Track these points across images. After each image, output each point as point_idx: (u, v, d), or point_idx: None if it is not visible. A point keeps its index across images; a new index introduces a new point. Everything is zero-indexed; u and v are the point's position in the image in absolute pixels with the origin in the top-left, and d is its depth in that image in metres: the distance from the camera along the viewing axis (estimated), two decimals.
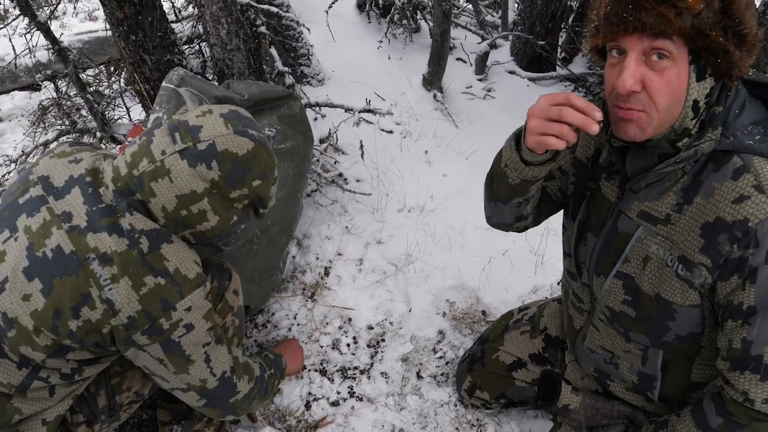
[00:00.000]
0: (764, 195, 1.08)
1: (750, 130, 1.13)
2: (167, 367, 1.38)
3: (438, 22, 3.39)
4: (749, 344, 1.15)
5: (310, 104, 2.92)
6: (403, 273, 2.47)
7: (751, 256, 1.10)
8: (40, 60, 4.02)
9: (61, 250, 1.27)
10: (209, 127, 1.32)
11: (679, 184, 1.21)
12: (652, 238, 1.27)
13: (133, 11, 2.76)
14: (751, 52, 1.10)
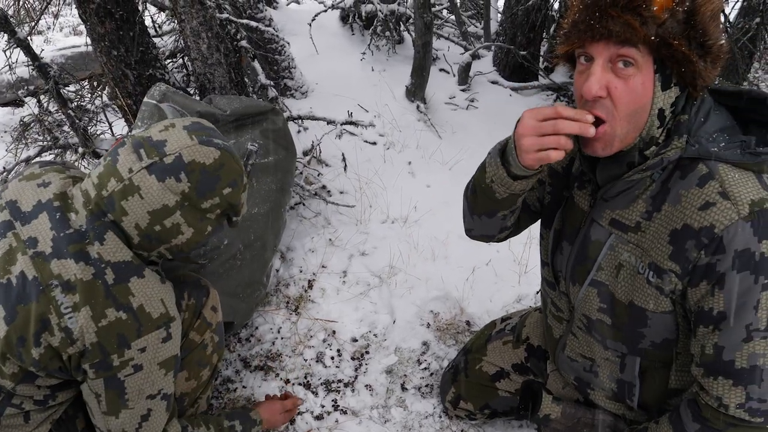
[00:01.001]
0: (729, 201, 1.10)
1: (715, 137, 1.16)
2: (99, 404, 1.34)
3: (420, 33, 3.42)
4: (721, 350, 1.16)
5: (293, 117, 2.92)
6: (386, 284, 2.48)
7: (718, 262, 1.12)
8: (22, 76, 4.00)
9: (25, 277, 1.25)
10: (174, 140, 1.31)
11: (647, 192, 1.23)
12: (624, 245, 1.28)
13: (114, 26, 2.77)
14: (716, 63, 1.12)
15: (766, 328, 1.10)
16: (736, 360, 1.14)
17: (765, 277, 1.09)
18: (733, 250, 1.10)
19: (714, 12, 1.09)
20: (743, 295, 1.11)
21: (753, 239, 1.08)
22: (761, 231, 1.08)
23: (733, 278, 1.11)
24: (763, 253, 1.08)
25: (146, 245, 1.36)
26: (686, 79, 1.12)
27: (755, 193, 1.09)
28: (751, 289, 1.10)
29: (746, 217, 1.08)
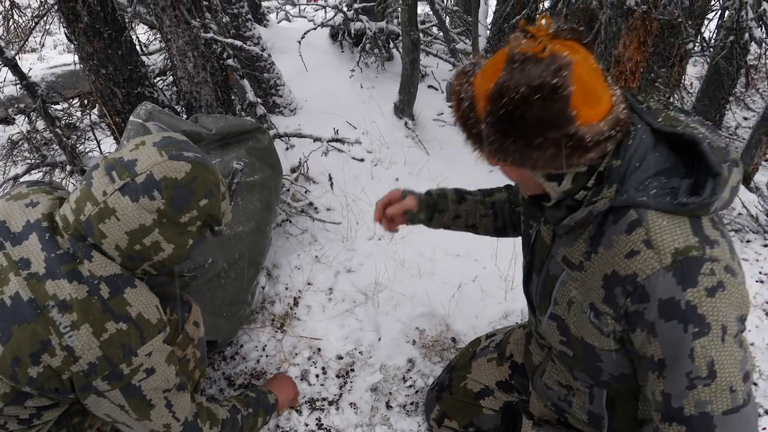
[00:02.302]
0: (652, 250, 1.10)
1: (647, 184, 1.14)
2: (129, 414, 1.37)
3: (407, 51, 3.45)
4: (668, 397, 1.15)
5: (279, 135, 2.94)
6: (372, 302, 2.48)
7: (645, 310, 1.12)
8: (12, 94, 4.02)
9: (20, 298, 1.26)
10: (144, 159, 1.32)
11: (587, 232, 1.23)
12: (573, 282, 1.29)
13: (102, 45, 2.79)
14: (576, 150, 1.09)
15: (708, 375, 1.08)
16: (685, 407, 1.13)
17: (694, 326, 1.07)
18: (657, 299, 1.10)
19: (522, 112, 1.06)
20: (676, 344, 1.10)
21: (676, 288, 1.07)
22: (685, 280, 1.07)
23: (662, 327, 1.11)
24: (689, 301, 1.07)
25: (129, 264, 1.37)
26: (555, 170, 1.15)
27: (681, 241, 1.09)
28: (682, 338, 1.09)
29: (668, 267, 1.08)
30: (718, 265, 1.08)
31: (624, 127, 1.12)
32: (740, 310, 1.11)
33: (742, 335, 1.12)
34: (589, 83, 1.05)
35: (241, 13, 3.33)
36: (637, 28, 2.31)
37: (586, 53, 1.09)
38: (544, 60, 1.02)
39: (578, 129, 1.05)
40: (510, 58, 1.06)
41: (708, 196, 1.09)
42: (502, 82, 1.05)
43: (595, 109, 1.06)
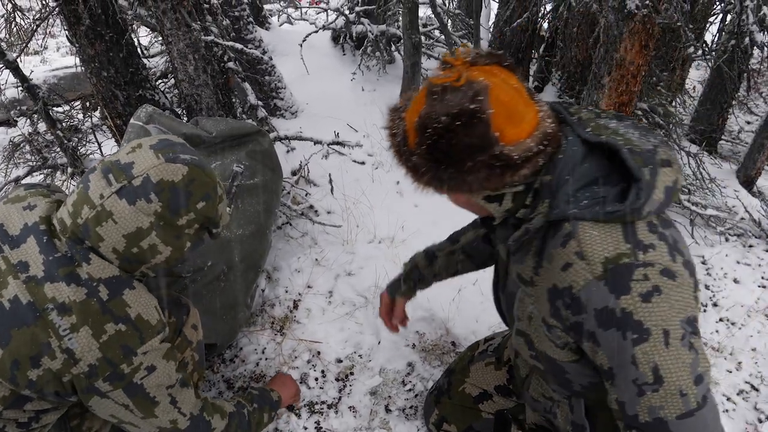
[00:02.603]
0: (584, 261, 1.11)
1: (578, 195, 1.15)
2: (134, 413, 1.37)
3: (408, 54, 3.45)
4: (623, 405, 1.16)
5: (280, 137, 2.94)
6: (372, 305, 2.48)
7: (584, 321, 1.13)
8: (15, 96, 4.03)
9: (19, 301, 1.26)
10: (140, 162, 1.31)
11: (534, 248, 1.24)
12: (528, 298, 1.30)
13: (104, 48, 2.80)
14: (506, 169, 1.11)
15: (654, 381, 1.09)
16: (639, 414, 1.13)
17: (632, 332, 1.08)
18: (592, 309, 1.11)
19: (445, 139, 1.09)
20: (618, 352, 1.11)
21: (610, 297, 1.08)
22: (617, 288, 1.08)
23: (603, 336, 1.12)
24: (623, 308, 1.08)
25: (127, 267, 1.36)
26: (489, 190, 1.18)
27: (612, 250, 1.10)
28: (623, 345, 1.09)
29: (600, 276, 1.09)
30: (652, 270, 1.08)
31: (553, 141, 1.14)
32: (685, 312, 1.10)
33: (693, 338, 1.11)
34: (510, 103, 1.08)
35: (242, 16, 3.33)
36: (639, 31, 2.30)
37: (507, 75, 1.12)
38: (462, 87, 1.06)
39: (504, 148, 1.08)
40: (429, 90, 1.10)
41: (632, 201, 1.10)
42: (425, 114, 1.09)
43: (520, 127, 1.09)
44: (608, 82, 2.45)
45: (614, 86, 2.45)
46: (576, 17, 3.68)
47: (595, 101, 2.52)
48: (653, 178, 1.12)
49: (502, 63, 1.14)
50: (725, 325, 2.63)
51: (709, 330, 2.59)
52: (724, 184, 3.71)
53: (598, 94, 2.51)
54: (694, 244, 3.08)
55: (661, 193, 1.13)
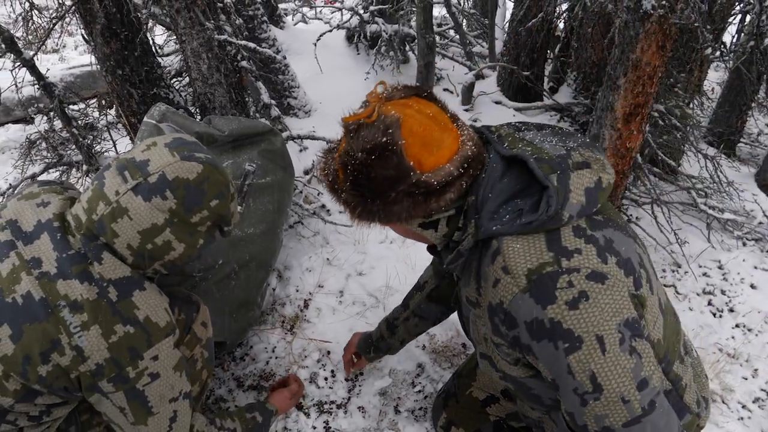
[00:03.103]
0: (509, 276, 1.11)
1: (500, 212, 1.16)
2: (126, 417, 1.37)
3: (422, 54, 3.44)
4: (572, 415, 1.15)
5: (292, 137, 2.94)
6: (383, 305, 2.47)
7: (519, 335, 1.13)
8: (33, 94, 4.07)
9: (31, 297, 1.27)
10: (156, 159, 1.33)
11: (473, 270, 1.25)
12: (479, 320, 1.31)
13: (119, 46, 2.82)
14: (429, 196, 1.14)
15: (594, 389, 1.08)
16: (588, 424, 1.13)
17: (563, 342, 1.07)
18: (523, 322, 1.11)
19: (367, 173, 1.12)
20: (553, 363, 1.11)
21: (537, 308, 1.08)
22: (542, 298, 1.08)
23: (537, 348, 1.11)
24: (552, 318, 1.07)
25: (140, 264, 1.37)
26: (423, 216, 1.20)
27: (534, 261, 1.10)
28: (556, 356, 1.09)
29: (524, 288, 1.09)
30: (577, 276, 1.08)
31: (475, 162, 1.16)
32: (620, 315, 1.09)
33: (634, 341, 1.10)
34: (424, 132, 1.11)
35: (256, 15, 3.34)
36: (655, 32, 2.27)
37: (423, 105, 1.15)
38: (375, 123, 1.10)
39: (422, 176, 1.11)
40: (346, 129, 1.14)
41: (543, 210, 1.10)
42: (344, 152, 1.14)
43: (438, 154, 1.12)
44: (624, 84, 2.42)
45: (630, 88, 2.42)
46: (591, 17, 3.65)
47: (611, 103, 2.49)
48: (563, 183, 1.12)
49: (420, 94, 1.18)
50: (741, 331, 2.59)
51: (724, 336, 2.55)
52: (742, 187, 3.66)
53: (613, 96, 2.48)
54: (710, 248, 3.04)
55: (580, 196, 1.13)
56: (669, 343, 1.27)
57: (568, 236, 1.12)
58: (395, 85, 1.20)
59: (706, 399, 1.42)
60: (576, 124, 3.95)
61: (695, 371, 1.42)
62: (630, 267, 1.14)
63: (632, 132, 2.51)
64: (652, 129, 3.16)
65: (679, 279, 2.88)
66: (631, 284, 1.13)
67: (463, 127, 1.19)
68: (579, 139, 1.24)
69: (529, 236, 1.12)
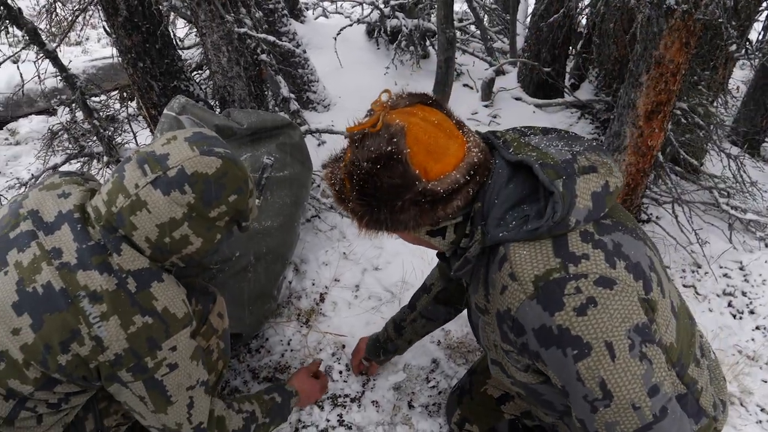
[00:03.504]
0: (517, 282, 1.10)
1: (507, 218, 1.15)
2: (146, 405, 1.40)
3: (442, 49, 3.42)
4: (583, 422, 1.14)
5: (311, 131, 2.95)
6: (399, 300, 2.47)
7: (528, 341, 1.12)
8: (56, 86, 4.12)
9: (51, 287, 1.29)
10: (176, 153, 1.34)
11: (481, 277, 1.24)
12: (489, 326, 1.30)
13: (140, 39, 2.83)
14: (436, 204, 1.14)
15: (603, 396, 1.07)
16: (599, 431, 1.12)
17: (572, 349, 1.06)
18: (531, 329, 1.10)
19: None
20: (562, 370, 1.10)
21: (544, 315, 1.07)
22: (550, 305, 1.07)
23: (546, 355, 1.11)
24: (560, 325, 1.06)
25: (158, 257, 1.39)
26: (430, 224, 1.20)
27: (541, 267, 1.09)
28: (564, 363, 1.08)
29: (531, 295, 1.08)
30: (585, 281, 1.07)
31: (481, 169, 1.16)
32: (630, 320, 1.08)
33: (645, 346, 1.08)
34: (429, 140, 1.11)
35: (277, 9, 3.35)
36: (679, 28, 2.24)
37: (428, 112, 1.15)
38: (379, 132, 1.11)
39: (428, 185, 1.12)
40: (351, 139, 1.16)
41: (549, 215, 1.09)
42: (349, 162, 1.15)
43: (444, 161, 1.12)
44: (646, 81, 2.39)
45: (652, 85, 2.39)
46: (613, 12, 3.60)
47: (632, 100, 2.46)
48: (569, 188, 1.11)
49: (425, 102, 1.19)
50: (762, 333, 2.55)
51: (744, 338, 2.51)
52: (765, 187, 3.60)
53: (635, 93, 2.45)
54: (732, 249, 3.00)
55: (587, 201, 1.12)
56: (683, 347, 1.25)
57: (575, 241, 1.11)
58: (400, 93, 1.21)
59: (724, 402, 1.40)
60: (597, 122, 3.91)
61: (713, 374, 1.40)
62: (639, 271, 1.13)
63: (654, 130, 2.48)
64: (675, 127, 3.12)
65: (699, 280, 2.84)
66: (641, 288, 1.12)
67: (469, 134, 1.19)
68: (585, 143, 1.22)
69: (536, 242, 1.12)
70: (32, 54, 2.74)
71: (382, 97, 1.17)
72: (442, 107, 1.21)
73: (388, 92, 1.19)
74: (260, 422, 1.72)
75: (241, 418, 1.65)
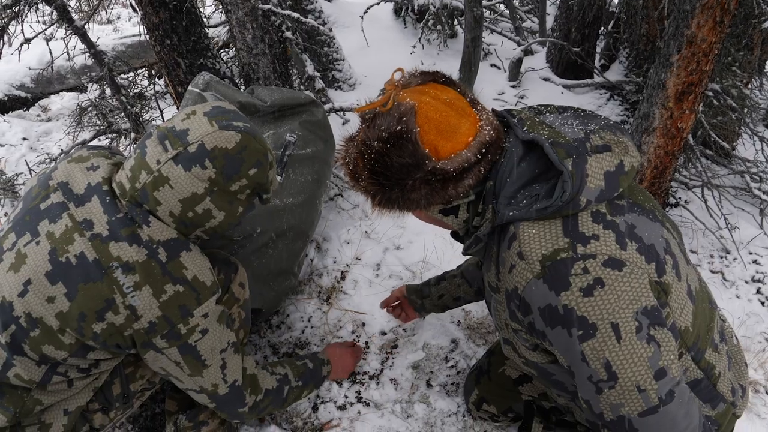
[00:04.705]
0: (524, 261, 1.10)
1: (518, 197, 1.15)
2: (183, 369, 1.45)
3: (469, 27, 3.38)
4: (589, 403, 1.14)
5: (335, 109, 2.94)
6: (419, 279, 2.47)
7: (534, 321, 1.12)
8: (86, 63, 4.17)
9: (85, 257, 1.33)
10: (195, 128, 1.36)
11: (493, 255, 1.23)
12: (500, 305, 1.29)
13: (168, 16, 2.85)
14: (447, 182, 1.14)
15: (608, 377, 1.07)
16: (604, 412, 1.12)
17: (577, 329, 1.06)
18: (537, 309, 1.10)
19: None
20: (567, 350, 1.09)
21: (550, 294, 1.07)
22: (556, 284, 1.06)
23: (552, 335, 1.10)
24: (565, 305, 1.05)
25: (182, 230, 1.43)
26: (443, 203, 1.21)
27: (549, 246, 1.08)
28: (570, 343, 1.08)
29: (538, 275, 1.08)
30: (593, 262, 1.06)
31: (493, 148, 1.15)
32: (638, 302, 1.06)
33: (653, 329, 1.07)
34: (439, 118, 1.10)
35: None
36: (713, 6, 2.17)
37: (439, 91, 1.15)
38: (390, 111, 1.11)
39: (438, 164, 1.11)
40: (362, 118, 1.16)
41: (558, 195, 1.08)
42: (360, 141, 1.15)
43: (454, 140, 1.12)
44: (677, 61, 2.33)
45: (684, 65, 2.33)
46: None
47: (662, 80, 2.40)
48: (579, 167, 1.10)
49: (438, 80, 1.18)
50: None
51: None
52: None
53: (665, 73, 2.39)
54: (762, 234, 2.93)
55: (599, 181, 1.11)
56: (700, 331, 1.24)
57: (585, 222, 1.10)
58: (413, 72, 1.20)
59: (744, 387, 1.38)
60: (626, 103, 3.83)
61: (734, 359, 1.38)
62: (653, 253, 1.11)
63: (684, 111, 2.42)
64: (706, 109, 3.04)
65: (727, 265, 2.79)
66: (653, 271, 1.11)
67: (482, 112, 1.18)
68: (601, 122, 1.20)
69: (546, 222, 1.11)
70: (62, 32, 2.77)
71: (394, 76, 1.17)
72: (455, 85, 1.20)
73: (401, 71, 1.18)
74: (293, 385, 1.76)
75: (274, 379, 1.70)
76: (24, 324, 1.33)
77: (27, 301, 1.33)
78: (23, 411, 1.42)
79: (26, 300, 1.33)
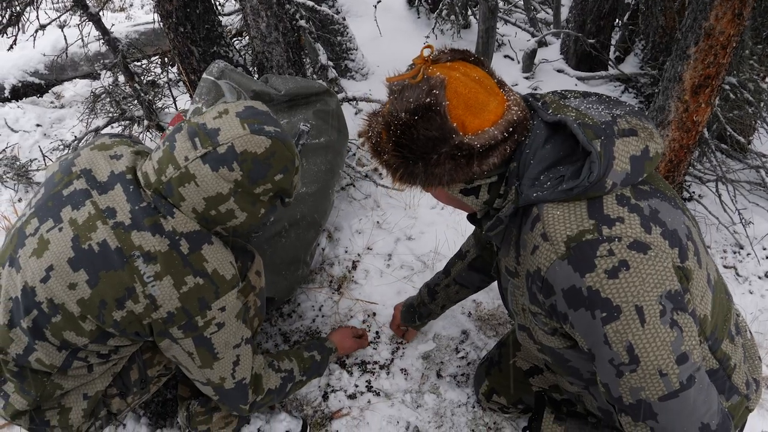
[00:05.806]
0: (548, 242, 1.09)
1: (542, 179, 1.14)
2: (194, 360, 1.46)
3: (484, 18, 3.36)
4: (607, 386, 1.13)
5: (348, 98, 2.93)
6: (430, 270, 2.47)
7: (556, 303, 1.11)
8: (100, 50, 4.18)
9: (107, 245, 1.34)
10: (226, 129, 1.36)
11: (513, 238, 1.23)
12: (518, 290, 1.28)
13: (181, 3, 2.84)
14: (471, 159, 1.13)
15: (630, 360, 1.06)
16: (623, 396, 1.11)
17: (601, 311, 1.05)
18: (560, 290, 1.09)
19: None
20: (589, 332, 1.08)
21: (575, 276, 1.06)
22: (581, 266, 1.05)
23: (574, 317, 1.09)
24: (590, 287, 1.05)
25: (204, 225, 1.43)
26: (464, 180, 1.19)
27: (574, 228, 1.07)
28: (593, 325, 1.07)
29: (563, 255, 1.07)
30: (618, 244, 1.05)
31: (520, 128, 1.14)
32: (663, 286, 1.05)
33: (676, 314, 1.06)
34: (469, 94, 1.10)
35: None
36: None
37: (469, 69, 1.14)
38: (419, 84, 1.10)
39: (465, 138, 1.10)
40: (390, 90, 1.15)
41: (585, 176, 1.07)
42: (387, 113, 1.14)
43: (482, 117, 1.11)
44: (694, 53, 2.30)
45: (701, 57, 2.30)
46: None
47: (679, 73, 2.37)
48: (607, 149, 1.09)
49: (467, 58, 1.18)
50: None
51: None
52: None
53: (682, 66, 2.36)
54: None
55: (625, 164, 1.10)
56: (717, 321, 1.23)
57: (611, 204, 1.09)
58: (442, 49, 1.19)
59: (757, 381, 1.37)
60: (641, 96, 3.80)
61: (748, 353, 1.38)
62: (676, 238, 1.11)
63: (700, 105, 2.39)
64: (722, 103, 3.01)
65: (740, 261, 2.77)
66: (676, 256, 1.10)
67: (509, 92, 1.18)
68: (627, 107, 1.20)
69: (571, 203, 1.11)
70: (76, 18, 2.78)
71: (423, 52, 1.16)
72: (483, 65, 1.19)
73: (430, 47, 1.17)
74: (297, 380, 1.78)
75: (279, 377, 1.71)
76: (46, 309, 1.35)
77: (49, 287, 1.34)
78: (44, 395, 1.44)
79: (48, 286, 1.34)
